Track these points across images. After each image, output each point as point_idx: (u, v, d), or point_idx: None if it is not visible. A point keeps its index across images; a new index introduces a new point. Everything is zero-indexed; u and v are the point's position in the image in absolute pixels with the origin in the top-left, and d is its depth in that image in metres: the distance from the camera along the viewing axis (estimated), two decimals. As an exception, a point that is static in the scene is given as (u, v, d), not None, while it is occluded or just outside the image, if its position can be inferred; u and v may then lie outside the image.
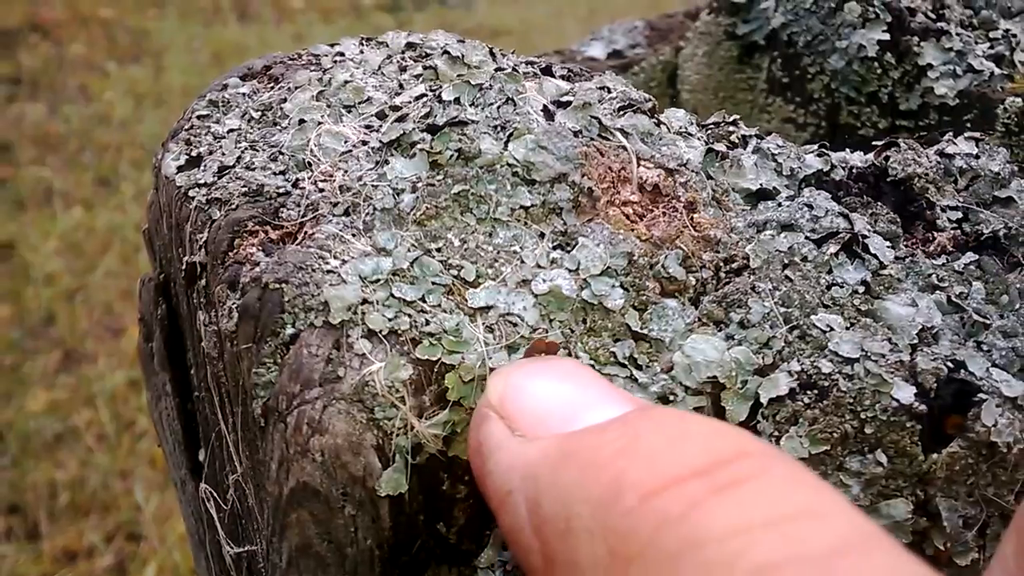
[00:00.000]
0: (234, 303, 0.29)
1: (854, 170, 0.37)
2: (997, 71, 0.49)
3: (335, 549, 0.28)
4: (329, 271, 0.29)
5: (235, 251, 0.31)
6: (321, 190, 0.32)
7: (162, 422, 0.43)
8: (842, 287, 0.32)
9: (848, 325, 0.30)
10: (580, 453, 0.21)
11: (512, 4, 3.66)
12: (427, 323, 0.28)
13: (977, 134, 0.39)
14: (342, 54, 0.39)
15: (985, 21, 0.52)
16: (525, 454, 0.23)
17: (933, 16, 0.51)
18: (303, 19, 3.41)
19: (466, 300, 0.29)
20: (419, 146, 0.32)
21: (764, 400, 0.29)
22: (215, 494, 0.36)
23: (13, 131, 2.55)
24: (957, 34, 0.50)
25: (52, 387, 1.75)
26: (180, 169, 0.35)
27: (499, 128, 0.33)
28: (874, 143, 0.39)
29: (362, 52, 0.39)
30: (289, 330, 0.28)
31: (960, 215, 0.36)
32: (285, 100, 0.37)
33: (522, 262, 0.30)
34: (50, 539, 1.45)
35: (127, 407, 1.71)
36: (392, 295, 0.28)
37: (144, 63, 2.98)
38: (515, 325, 0.28)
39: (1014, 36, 0.51)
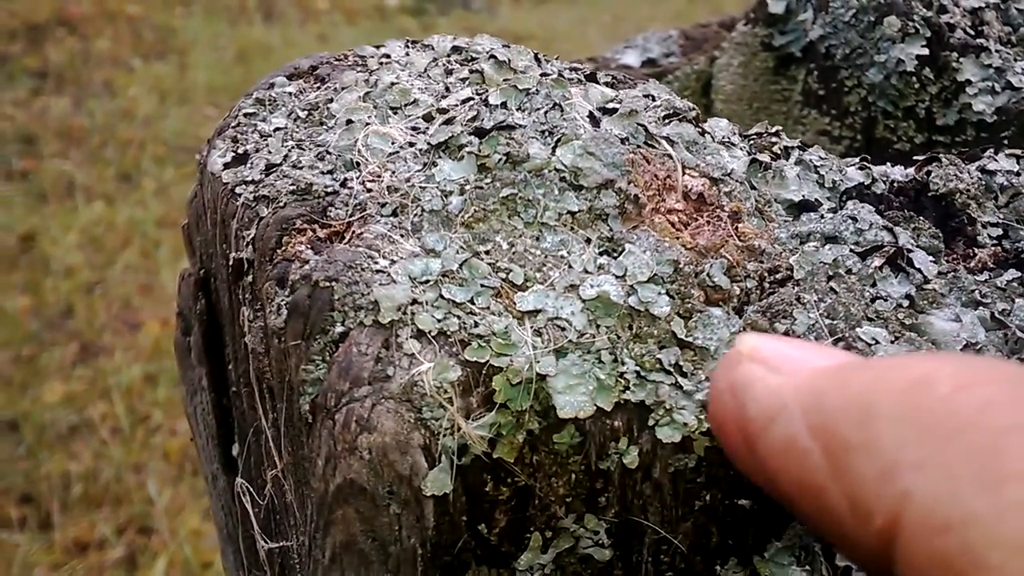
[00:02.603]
0: (283, 300, 0.30)
1: (895, 184, 0.37)
2: (1036, 89, 0.49)
3: (379, 547, 0.28)
4: (379, 271, 0.29)
5: (284, 248, 0.31)
6: (369, 190, 0.32)
7: (196, 416, 0.43)
8: (886, 301, 0.32)
9: (893, 339, 0.30)
10: (870, 363, 0.23)
11: (535, 10, 3.68)
12: (476, 325, 0.28)
13: (1018, 151, 0.39)
14: (388, 56, 0.39)
15: (1024, 39, 0.52)
16: (796, 375, 0.24)
17: (972, 32, 0.51)
18: (327, 20, 3.43)
19: (514, 303, 0.29)
20: (467, 149, 0.33)
21: (808, 411, 0.29)
22: (251, 489, 0.36)
23: (37, 124, 2.58)
24: (996, 51, 0.50)
25: (68, 379, 1.76)
26: (226, 166, 0.36)
27: (547, 133, 0.33)
28: (915, 157, 0.39)
29: (408, 55, 0.39)
30: (339, 328, 0.28)
31: (1000, 232, 0.36)
32: (332, 100, 0.37)
33: (570, 267, 0.30)
34: (62, 530, 1.46)
35: (142, 401, 1.72)
36: (441, 296, 0.28)
37: (169, 60, 3.00)
38: (563, 329, 0.28)
39: (1053, 54, 0.50)
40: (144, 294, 1.98)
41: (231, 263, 0.34)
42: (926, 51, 0.50)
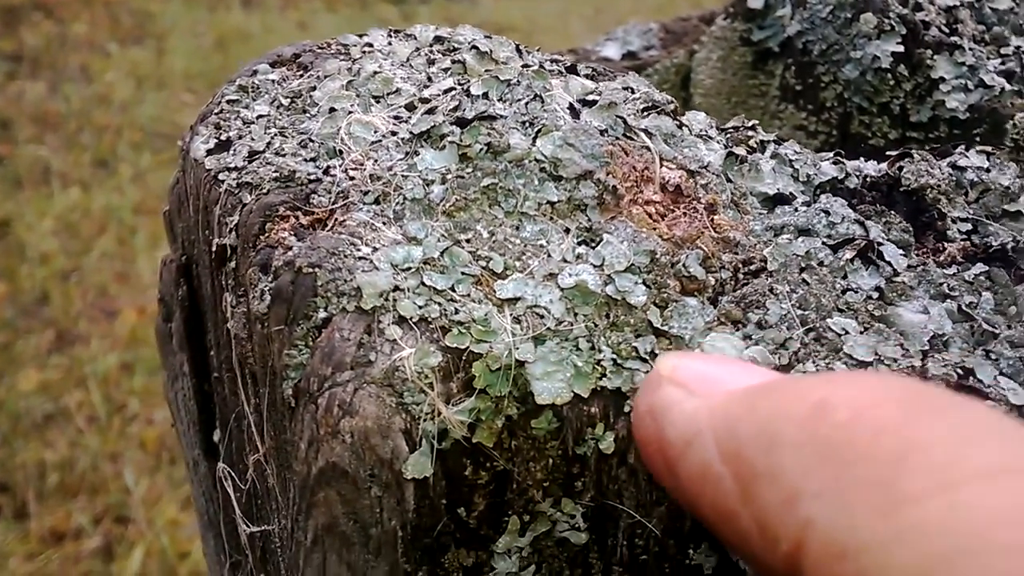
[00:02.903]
0: (266, 286, 0.30)
1: (868, 179, 0.38)
2: (1008, 87, 0.50)
3: (360, 529, 0.29)
4: (361, 257, 0.29)
5: (267, 235, 0.31)
6: (352, 178, 0.33)
7: (177, 402, 0.44)
8: (857, 292, 0.32)
9: (862, 329, 0.31)
10: (778, 386, 0.23)
11: (517, 1, 3.67)
12: (456, 312, 0.29)
13: (988, 148, 0.40)
14: (371, 45, 0.40)
15: (997, 37, 0.53)
16: (710, 400, 0.24)
17: (947, 30, 0.52)
18: (307, 7, 3.41)
19: (494, 291, 0.29)
20: (449, 138, 0.33)
21: (780, 399, 0.29)
22: (233, 474, 0.37)
23: (12, 109, 2.54)
24: (970, 49, 0.51)
25: (44, 367, 1.74)
26: (209, 152, 0.36)
27: (527, 124, 0.34)
28: (888, 153, 0.40)
29: (390, 44, 0.40)
30: (321, 314, 0.29)
31: (970, 227, 0.37)
32: (315, 88, 0.37)
33: (549, 256, 0.31)
34: (38, 519, 1.45)
35: (119, 389, 1.71)
36: (423, 283, 0.29)
37: (146, 45, 2.97)
38: (542, 317, 0.29)
39: (1024, 53, 0.51)
40: (120, 282, 1.96)
41: (214, 249, 0.34)
42: (901, 48, 0.51)
